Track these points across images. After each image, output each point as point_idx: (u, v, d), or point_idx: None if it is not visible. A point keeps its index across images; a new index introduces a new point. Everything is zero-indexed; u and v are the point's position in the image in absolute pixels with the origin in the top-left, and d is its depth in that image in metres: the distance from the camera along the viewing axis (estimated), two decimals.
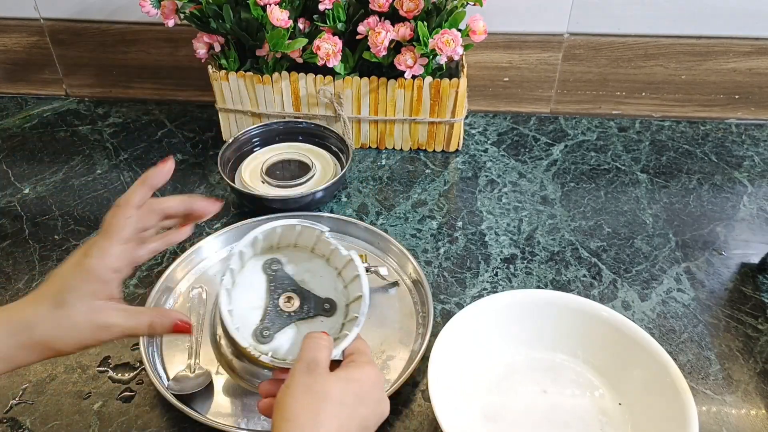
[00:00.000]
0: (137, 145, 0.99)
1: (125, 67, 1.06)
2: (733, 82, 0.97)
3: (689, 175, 0.91)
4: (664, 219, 0.83)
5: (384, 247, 0.77)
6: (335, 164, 0.88)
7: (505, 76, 1.00)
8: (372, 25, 0.85)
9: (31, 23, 1.03)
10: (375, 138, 0.95)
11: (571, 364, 0.63)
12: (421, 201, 0.86)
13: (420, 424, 0.61)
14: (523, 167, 0.92)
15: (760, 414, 0.61)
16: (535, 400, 0.61)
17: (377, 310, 0.71)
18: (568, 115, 1.03)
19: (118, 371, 0.66)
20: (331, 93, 0.89)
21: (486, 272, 0.76)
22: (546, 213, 0.84)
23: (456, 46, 0.82)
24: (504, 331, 0.63)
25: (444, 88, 0.87)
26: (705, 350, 0.67)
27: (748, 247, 0.79)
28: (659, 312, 0.71)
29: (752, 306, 0.71)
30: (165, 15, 0.87)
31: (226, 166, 0.87)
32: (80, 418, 0.61)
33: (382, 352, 0.67)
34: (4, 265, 0.78)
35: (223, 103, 0.93)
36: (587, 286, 0.74)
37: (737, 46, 0.94)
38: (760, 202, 0.86)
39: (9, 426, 0.61)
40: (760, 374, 0.65)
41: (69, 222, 0.84)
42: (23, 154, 0.97)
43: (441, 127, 0.92)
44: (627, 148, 0.96)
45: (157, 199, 0.53)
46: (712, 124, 1.01)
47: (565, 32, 0.95)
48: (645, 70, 0.97)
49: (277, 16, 0.82)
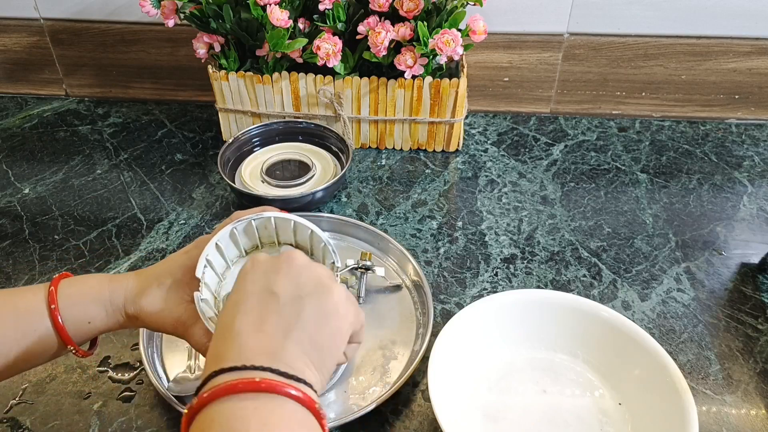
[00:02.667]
0: (137, 145, 0.99)
1: (125, 67, 1.06)
2: (733, 82, 0.97)
3: (689, 175, 0.91)
4: (664, 219, 0.83)
5: (384, 247, 0.77)
6: (335, 164, 0.88)
7: (505, 76, 1.00)
8: (372, 25, 0.85)
9: (31, 23, 1.03)
10: (375, 138, 0.95)
11: (571, 364, 0.63)
12: (421, 201, 0.86)
13: (420, 424, 0.61)
14: (523, 167, 0.92)
15: (760, 414, 0.61)
16: (535, 400, 0.61)
17: (377, 310, 0.71)
18: (568, 115, 1.03)
19: (118, 371, 0.66)
20: (331, 93, 0.89)
21: (486, 272, 0.76)
22: (546, 213, 0.84)
23: (456, 46, 0.82)
24: (504, 331, 0.63)
25: (444, 88, 0.87)
26: (705, 350, 0.67)
27: (748, 247, 0.79)
28: (659, 312, 0.71)
29: (752, 306, 0.71)
30: (165, 15, 0.87)
31: (226, 166, 0.87)
32: (80, 418, 0.61)
33: (383, 352, 0.67)
34: (4, 265, 0.78)
35: (223, 103, 0.93)
36: (587, 286, 0.74)
37: (737, 46, 0.94)
38: (760, 202, 0.86)
39: (9, 426, 0.61)
40: (760, 374, 0.65)
41: (69, 222, 0.84)
42: (23, 154, 0.97)
43: (441, 127, 0.92)
44: (627, 148, 0.96)
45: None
46: (712, 124, 1.01)
47: (565, 32, 0.95)
48: (645, 70, 0.97)
49: (277, 16, 0.82)
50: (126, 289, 0.52)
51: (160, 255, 0.79)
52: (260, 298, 0.44)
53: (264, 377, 0.38)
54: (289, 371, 0.39)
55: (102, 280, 0.52)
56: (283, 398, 0.38)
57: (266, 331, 0.42)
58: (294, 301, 0.44)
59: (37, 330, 0.49)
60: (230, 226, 0.55)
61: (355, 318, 0.47)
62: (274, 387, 0.37)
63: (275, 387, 0.37)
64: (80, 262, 0.78)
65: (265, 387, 0.37)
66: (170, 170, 0.93)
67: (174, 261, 0.54)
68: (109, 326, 0.52)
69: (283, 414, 0.37)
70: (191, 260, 0.53)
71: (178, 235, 0.82)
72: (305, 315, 0.43)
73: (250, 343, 0.41)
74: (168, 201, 0.87)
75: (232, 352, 0.40)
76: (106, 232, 0.82)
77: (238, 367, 0.39)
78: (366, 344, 0.67)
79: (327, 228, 0.80)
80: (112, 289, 0.52)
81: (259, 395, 0.37)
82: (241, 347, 0.40)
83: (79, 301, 0.50)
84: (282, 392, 0.38)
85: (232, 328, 0.42)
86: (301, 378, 0.40)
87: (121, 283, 0.52)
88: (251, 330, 0.42)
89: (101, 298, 0.51)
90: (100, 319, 0.51)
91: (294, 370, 0.40)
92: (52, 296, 0.49)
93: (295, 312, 0.43)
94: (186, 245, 0.78)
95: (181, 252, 0.55)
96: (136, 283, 0.53)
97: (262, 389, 0.37)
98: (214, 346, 0.42)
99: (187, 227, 0.83)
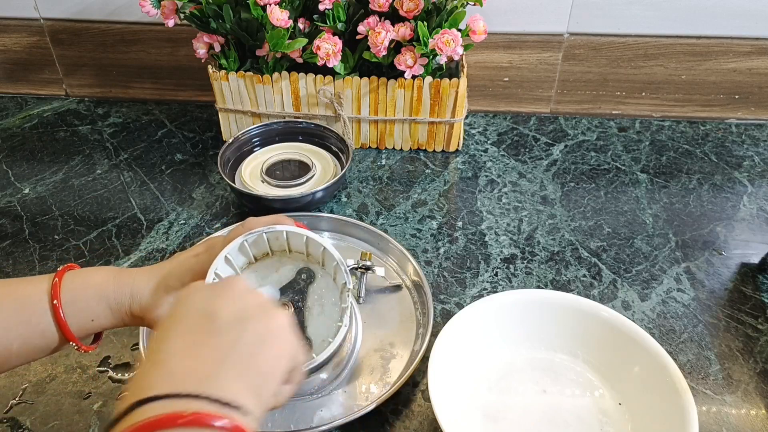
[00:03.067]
0: (137, 145, 0.99)
1: (125, 67, 1.06)
2: (733, 82, 0.97)
3: (689, 175, 0.91)
4: (664, 219, 0.83)
5: (384, 247, 0.77)
6: (335, 164, 0.88)
7: (505, 76, 1.00)
8: (372, 25, 0.85)
9: (31, 23, 1.03)
10: (375, 138, 0.95)
11: (571, 364, 0.63)
12: (421, 201, 0.86)
13: (420, 424, 0.61)
14: (523, 167, 0.92)
15: (760, 414, 0.61)
16: (535, 400, 0.61)
17: (377, 310, 0.71)
18: (568, 115, 1.03)
19: (118, 371, 0.66)
20: (331, 93, 0.89)
21: (486, 272, 0.76)
22: (546, 213, 0.84)
23: (456, 46, 0.82)
24: (504, 331, 0.63)
25: (444, 88, 0.87)
26: (705, 350, 0.67)
27: (748, 247, 0.79)
28: (659, 312, 0.71)
29: (752, 306, 0.71)
30: (165, 15, 0.87)
31: (226, 166, 0.87)
32: (80, 418, 0.61)
33: (383, 352, 0.67)
34: (4, 265, 0.78)
35: (223, 103, 0.93)
36: (587, 286, 0.74)
37: (737, 46, 0.94)
38: (760, 202, 0.86)
39: (9, 426, 0.61)
40: (760, 374, 0.65)
41: (69, 222, 0.84)
42: (23, 154, 0.97)
43: (441, 127, 0.92)
44: (627, 148, 0.96)
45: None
46: (712, 124, 1.01)
47: (565, 32, 0.95)
48: (645, 70, 0.97)
49: (277, 16, 0.82)
50: (132, 289, 0.51)
51: (160, 255, 0.79)
52: (196, 321, 0.40)
53: (189, 408, 0.34)
54: (222, 397, 0.36)
55: (108, 277, 0.51)
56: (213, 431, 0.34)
57: (199, 354, 0.38)
58: (234, 323, 0.40)
59: (39, 324, 0.48)
60: (241, 239, 0.55)
61: (298, 352, 0.43)
62: (202, 420, 0.34)
63: (203, 420, 0.34)
64: (80, 262, 0.78)
65: (192, 421, 0.33)
66: (170, 170, 0.93)
67: (182, 264, 0.52)
68: (114, 324, 0.51)
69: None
70: (200, 265, 0.52)
71: (178, 235, 0.82)
72: (246, 337, 0.39)
73: (179, 367, 0.37)
74: (168, 201, 0.87)
75: (157, 378, 0.36)
76: (106, 232, 0.82)
77: (160, 396, 0.35)
78: (366, 344, 0.67)
79: (327, 228, 0.80)
80: (117, 288, 0.51)
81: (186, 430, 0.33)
82: (170, 372, 0.37)
83: (82, 297, 0.49)
84: (210, 425, 0.34)
85: (160, 355, 0.38)
86: (234, 404, 0.36)
87: (126, 282, 0.51)
88: (181, 354, 0.38)
89: (106, 297, 0.50)
90: (105, 317, 0.50)
91: (227, 394, 0.36)
92: (56, 290, 0.48)
93: (235, 334, 0.39)
94: (186, 245, 0.79)
95: (191, 254, 0.53)
96: (143, 283, 0.51)
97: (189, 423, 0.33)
98: (137, 374, 0.38)
99: (187, 227, 0.83)
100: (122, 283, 0.51)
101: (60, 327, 0.48)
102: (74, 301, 0.49)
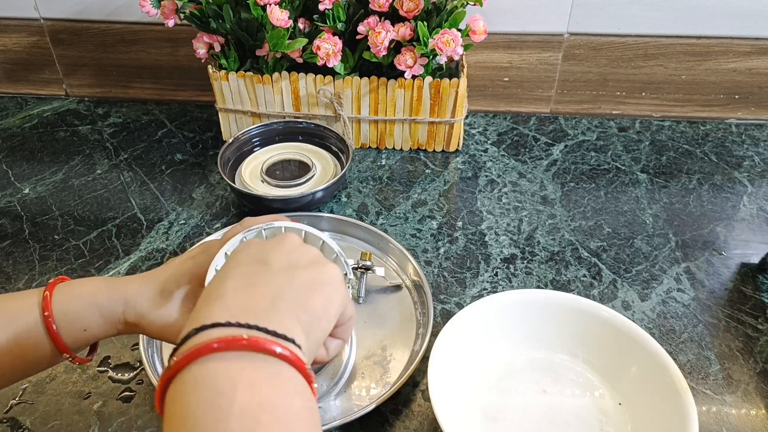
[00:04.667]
0: (137, 145, 0.99)
1: (125, 67, 1.06)
2: (733, 82, 0.97)
3: (689, 175, 0.91)
4: (664, 219, 0.83)
5: (384, 247, 0.77)
6: (335, 164, 0.88)
7: (505, 76, 1.00)
8: (372, 25, 0.85)
9: (31, 23, 1.03)
10: (375, 138, 0.95)
11: (571, 364, 0.63)
12: (421, 201, 0.86)
13: (420, 424, 0.61)
14: (523, 167, 0.92)
15: (760, 414, 0.61)
16: (535, 400, 0.61)
17: (377, 310, 0.71)
18: (568, 115, 1.03)
19: (118, 371, 0.66)
20: (331, 93, 0.89)
21: (486, 272, 0.76)
22: (546, 213, 0.84)
23: (456, 46, 0.82)
24: (504, 331, 0.63)
25: (444, 88, 0.87)
26: (705, 350, 0.67)
27: (748, 247, 0.79)
28: (659, 312, 0.71)
29: (752, 306, 0.71)
30: (165, 15, 0.87)
31: (226, 166, 0.87)
32: (80, 418, 0.61)
33: (383, 352, 0.67)
34: (4, 265, 0.78)
35: (223, 103, 0.93)
36: (587, 286, 0.74)
37: (737, 46, 0.94)
38: (760, 202, 0.86)
39: (9, 426, 0.61)
40: (760, 374, 0.65)
41: (69, 222, 0.84)
42: (23, 154, 0.97)
43: (441, 127, 0.92)
44: (627, 148, 0.96)
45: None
46: (712, 124, 1.01)
47: (565, 32, 0.95)
48: (645, 70, 0.97)
49: (277, 16, 0.82)
50: (125, 297, 0.50)
51: (160, 255, 0.79)
52: (250, 267, 0.42)
53: (251, 334, 0.35)
54: (277, 329, 0.37)
55: (99, 286, 0.50)
56: (271, 357, 0.35)
57: (254, 292, 0.40)
58: (286, 270, 0.42)
59: (31, 337, 0.47)
60: (240, 236, 0.54)
61: (348, 302, 0.45)
62: (260, 344, 0.35)
63: (262, 344, 0.35)
64: (80, 262, 0.78)
65: (251, 344, 0.35)
66: (170, 170, 0.93)
67: (179, 267, 0.52)
68: (107, 334, 0.50)
69: (271, 373, 0.35)
70: (198, 267, 0.51)
71: (178, 235, 0.82)
72: (297, 282, 0.41)
73: (236, 302, 0.38)
74: (168, 201, 0.87)
75: (216, 310, 0.38)
76: (106, 232, 0.82)
77: (221, 323, 0.36)
78: (366, 344, 0.67)
79: (327, 228, 0.80)
80: (110, 296, 0.49)
81: (246, 354, 0.35)
82: (226, 306, 0.38)
83: (73, 308, 0.48)
84: (269, 350, 0.35)
85: (217, 291, 0.40)
86: (290, 337, 0.37)
87: (119, 290, 0.50)
88: (238, 291, 0.40)
89: (98, 305, 0.49)
90: (97, 326, 0.49)
91: (281, 328, 0.37)
92: (47, 302, 0.47)
93: (287, 279, 0.41)
94: (186, 246, 0.79)
95: (187, 257, 0.52)
96: (138, 290, 0.50)
97: (248, 347, 0.35)
98: (195, 310, 0.39)
99: (187, 227, 0.83)
100: (114, 292, 0.50)
101: (52, 338, 0.47)
102: (66, 311, 0.48)
